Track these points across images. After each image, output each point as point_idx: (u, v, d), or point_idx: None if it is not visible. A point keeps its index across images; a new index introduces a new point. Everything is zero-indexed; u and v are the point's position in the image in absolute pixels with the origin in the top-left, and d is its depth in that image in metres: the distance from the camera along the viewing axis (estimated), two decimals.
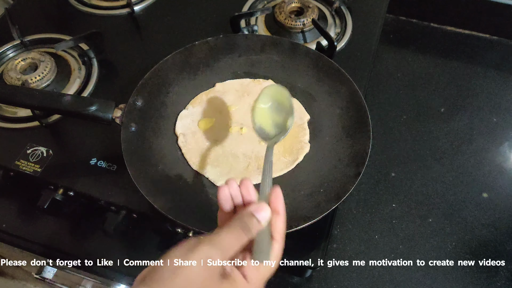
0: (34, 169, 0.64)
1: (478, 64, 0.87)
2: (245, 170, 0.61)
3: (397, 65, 0.87)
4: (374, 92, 0.82)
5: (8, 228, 0.65)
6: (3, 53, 0.79)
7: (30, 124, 0.70)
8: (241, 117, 0.66)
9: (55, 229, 0.65)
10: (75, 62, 0.77)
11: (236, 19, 0.76)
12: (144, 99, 0.63)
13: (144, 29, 0.84)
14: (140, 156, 0.59)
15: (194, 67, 0.69)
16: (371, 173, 0.72)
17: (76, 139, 0.69)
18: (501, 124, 0.78)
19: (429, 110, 0.80)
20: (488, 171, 0.73)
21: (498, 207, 0.69)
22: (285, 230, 0.41)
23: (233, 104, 0.67)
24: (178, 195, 0.58)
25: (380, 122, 0.78)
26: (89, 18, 0.85)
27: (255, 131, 0.53)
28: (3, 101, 0.64)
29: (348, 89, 0.64)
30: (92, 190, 0.62)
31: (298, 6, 0.81)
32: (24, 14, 0.86)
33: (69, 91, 0.74)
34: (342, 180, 0.57)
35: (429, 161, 0.74)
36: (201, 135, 0.64)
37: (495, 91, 0.83)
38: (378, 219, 0.68)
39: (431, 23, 0.94)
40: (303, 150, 0.62)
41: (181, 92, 0.68)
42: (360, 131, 0.60)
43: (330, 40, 0.73)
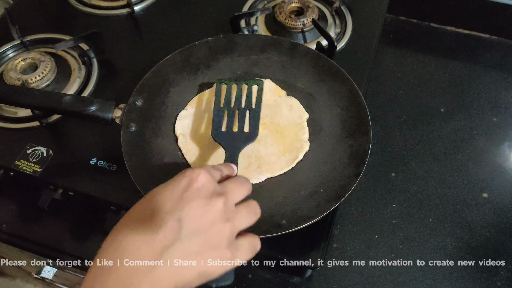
0: (34, 169, 0.64)
1: (478, 64, 0.87)
2: (245, 170, 0.61)
3: (397, 65, 0.87)
4: (374, 92, 0.82)
5: (8, 228, 0.65)
6: (3, 53, 0.79)
7: (30, 124, 0.70)
8: None
9: (55, 229, 0.65)
10: (75, 62, 0.77)
11: (236, 19, 0.76)
12: (144, 99, 0.63)
13: (144, 29, 0.84)
14: (140, 156, 0.59)
15: (194, 67, 0.69)
16: (371, 173, 0.72)
17: (76, 139, 0.69)
18: (501, 124, 0.78)
19: (429, 110, 0.80)
20: (488, 171, 0.73)
21: (498, 207, 0.69)
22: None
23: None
24: None
25: (380, 122, 0.78)
26: (89, 18, 0.85)
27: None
28: (3, 101, 0.64)
29: (348, 89, 0.64)
30: (92, 190, 0.62)
31: (298, 6, 0.81)
32: (24, 14, 0.86)
33: (69, 91, 0.74)
34: (342, 180, 0.57)
35: (429, 161, 0.74)
36: (201, 136, 0.64)
37: (495, 91, 0.83)
38: (378, 219, 0.68)
39: (431, 23, 0.94)
40: (303, 149, 0.62)
41: (181, 92, 0.68)
42: (360, 131, 0.60)
43: (330, 40, 0.73)
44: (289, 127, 0.64)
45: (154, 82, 0.65)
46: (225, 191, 0.40)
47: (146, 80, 0.64)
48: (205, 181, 0.38)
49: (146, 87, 0.64)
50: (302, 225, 0.52)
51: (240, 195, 0.42)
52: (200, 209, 0.37)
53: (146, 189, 0.54)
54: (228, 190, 0.40)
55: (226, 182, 0.42)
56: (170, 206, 0.36)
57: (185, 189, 0.37)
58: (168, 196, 0.37)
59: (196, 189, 0.37)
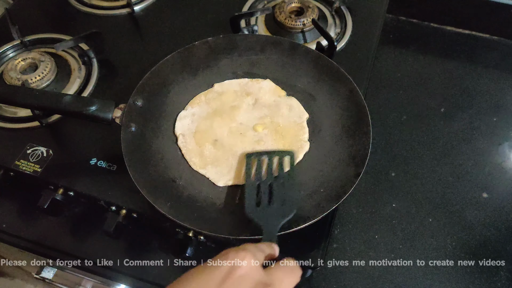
0: (34, 169, 0.64)
1: (478, 64, 0.87)
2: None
3: (397, 65, 0.87)
4: (374, 92, 0.82)
5: (8, 228, 0.65)
6: (3, 53, 0.79)
7: (30, 124, 0.70)
8: (241, 117, 0.66)
9: (55, 229, 0.65)
10: (75, 62, 0.77)
11: (236, 19, 0.76)
12: (144, 99, 0.63)
13: (144, 29, 0.84)
14: (140, 156, 0.59)
15: (194, 67, 0.69)
16: (371, 173, 0.72)
17: (76, 139, 0.69)
18: (501, 124, 0.78)
19: (429, 110, 0.80)
20: (488, 171, 0.73)
21: (498, 207, 0.69)
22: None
23: (232, 104, 0.67)
24: (178, 195, 0.58)
25: (380, 122, 0.78)
26: (89, 18, 0.85)
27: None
28: (3, 101, 0.64)
29: (348, 89, 0.64)
30: (92, 190, 0.62)
31: (298, 6, 0.81)
32: (24, 14, 0.86)
33: (69, 91, 0.74)
34: (342, 180, 0.57)
35: (429, 161, 0.74)
36: (200, 136, 0.64)
37: (495, 91, 0.83)
38: (378, 219, 0.68)
39: (431, 23, 0.94)
40: (303, 149, 0.62)
41: (181, 92, 0.68)
42: (360, 131, 0.60)
43: (330, 40, 0.73)
44: (289, 127, 0.64)
45: (154, 82, 0.65)
46: (272, 281, 0.35)
47: (146, 80, 0.64)
48: (250, 269, 0.33)
49: (146, 87, 0.64)
50: (302, 225, 0.52)
51: (288, 286, 0.36)
52: None
53: (146, 189, 0.54)
54: (275, 280, 0.35)
55: (274, 271, 0.36)
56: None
57: (226, 277, 0.32)
58: (204, 284, 0.33)
59: (239, 278, 0.33)
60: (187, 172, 0.61)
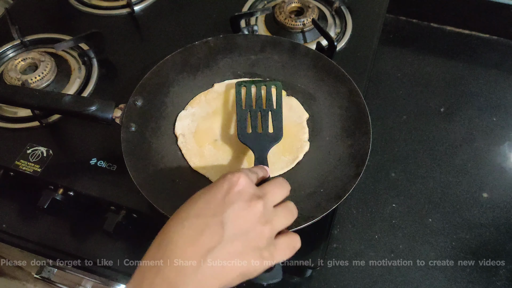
0: (34, 169, 0.64)
1: (478, 64, 0.87)
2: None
3: (397, 65, 0.87)
4: (374, 92, 0.82)
5: (8, 228, 0.65)
6: (3, 53, 0.79)
7: (30, 124, 0.70)
8: None
9: (55, 229, 0.65)
10: (75, 62, 0.77)
11: (236, 19, 0.76)
12: (144, 99, 0.63)
13: (144, 29, 0.84)
14: (140, 156, 0.59)
15: (194, 67, 0.69)
16: (371, 173, 0.72)
17: (76, 139, 0.69)
18: (501, 124, 0.78)
19: (429, 110, 0.80)
20: (488, 171, 0.73)
21: (498, 207, 0.69)
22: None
23: (231, 104, 0.67)
24: (178, 195, 0.58)
25: (380, 122, 0.78)
26: (89, 18, 0.85)
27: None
28: (3, 101, 0.64)
29: (348, 89, 0.64)
30: (92, 190, 0.62)
31: (298, 6, 0.81)
32: (24, 14, 0.86)
33: (69, 91, 0.74)
34: (342, 180, 0.57)
35: (429, 161, 0.74)
36: (200, 136, 0.64)
37: (495, 91, 0.83)
38: (378, 219, 0.68)
39: (431, 23, 0.94)
40: (303, 149, 0.62)
41: (181, 92, 0.68)
42: (360, 131, 0.60)
43: (330, 40, 0.73)
44: (289, 127, 0.64)
45: (154, 82, 0.65)
46: (264, 193, 0.42)
47: (146, 80, 0.64)
48: (245, 184, 0.41)
49: (146, 87, 0.64)
50: (302, 225, 0.52)
51: (279, 197, 0.43)
52: (241, 212, 0.39)
53: (146, 189, 0.54)
54: (267, 193, 0.42)
55: (265, 185, 0.44)
56: (213, 210, 0.39)
57: (227, 193, 0.40)
58: (210, 199, 0.40)
59: (237, 193, 0.40)
60: (187, 172, 0.61)
